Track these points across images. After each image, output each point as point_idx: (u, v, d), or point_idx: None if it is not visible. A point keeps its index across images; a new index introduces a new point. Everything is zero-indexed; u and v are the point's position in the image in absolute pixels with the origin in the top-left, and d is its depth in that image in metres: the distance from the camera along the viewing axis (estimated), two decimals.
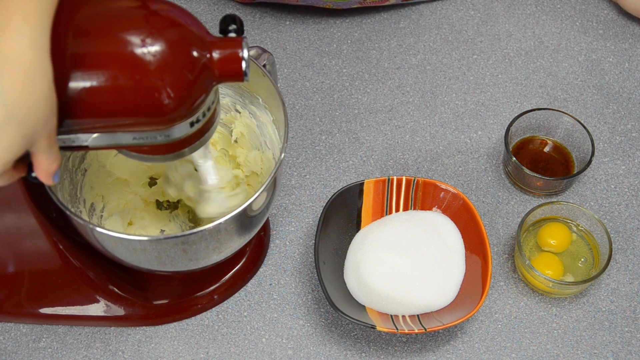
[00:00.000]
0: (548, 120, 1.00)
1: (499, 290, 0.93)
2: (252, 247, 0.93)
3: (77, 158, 0.87)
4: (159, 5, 0.64)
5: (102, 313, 0.89)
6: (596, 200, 0.99)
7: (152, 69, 0.62)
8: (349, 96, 1.07)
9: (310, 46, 1.11)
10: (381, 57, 1.11)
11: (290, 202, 0.99)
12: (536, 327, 0.91)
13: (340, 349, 0.89)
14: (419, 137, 1.04)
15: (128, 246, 0.75)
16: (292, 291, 0.93)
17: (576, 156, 1.00)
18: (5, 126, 0.57)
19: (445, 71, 1.09)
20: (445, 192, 0.93)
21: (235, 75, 0.66)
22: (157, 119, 0.64)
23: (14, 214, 0.79)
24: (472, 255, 0.90)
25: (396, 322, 0.86)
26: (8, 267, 0.86)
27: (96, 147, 0.67)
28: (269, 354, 0.89)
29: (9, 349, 0.89)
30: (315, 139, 1.03)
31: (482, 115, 1.06)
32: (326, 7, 1.10)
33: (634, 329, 0.91)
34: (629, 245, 0.96)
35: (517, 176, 0.98)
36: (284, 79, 1.08)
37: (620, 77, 1.09)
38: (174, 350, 0.89)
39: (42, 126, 0.59)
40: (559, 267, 0.91)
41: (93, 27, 0.62)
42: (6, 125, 0.57)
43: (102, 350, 0.89)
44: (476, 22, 1.14)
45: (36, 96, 0.58)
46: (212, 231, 0.75)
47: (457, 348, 0.89)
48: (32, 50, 0.57)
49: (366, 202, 0.94)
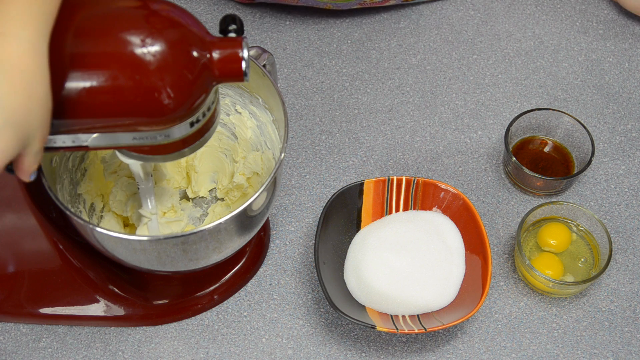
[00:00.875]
0: (548, 120, 1.00)
1: (499, 290, 0.93)
2: (252, 247, 0.93)
3: (77, 158, 0.87)
4: (159, 5, 0.64)
5: (102, 313, 0.89)
6: (596, 200, 0.99)
7: (152, 69, 0.62)
8: (349, 96, 1.07)
9: (310, 46, 1.11)
10: (381, 57, 1.11)
11: (290, 202, 0.99)
12: (536, 327, 0.91)
13: (340, 349, 0.89)
14: (419, 137, 1.04)
15: (128, 246, 0.75)
16: (292, 291, 0.93)
17: (576, 156, 1.00)
18: (3, 130, 0.57)
19: (445, 71, 1.09)
20: (445, 192, 0.93)
21: (235, 75, 0.66)
22: (157, 119, 0.64)
23: (14, 214, 0.79)
24: (472, 255, 0.90)
25: (396, 322, 0.86)
26: (8, 267, 0.86)
27: (96, 147, 0.67)
28: (269, 354, 0.89)
29: (9, 349, 0.89)
30: (315, 139, 1.03)
31: (482, 115, 1.06)
32: (326, 7, 1.11)
33: (634, 329, 0.91)
34: (629, 245, 0.96)
35: (517, 176, 0.98)
36: (284, 79, 1.08)
37: (620, 77, 1.09)
38: (174, 350, 0.89)
39: (38, 130, 0.59)
40: (559, 267, 0.91)
41: (93, 27, 0.62)
42: (3, 129, 0.57)
43: (102, 350, 0.89)
44: (476, 22, 1.14)
45: (34, 101, 0.58)
46: (212, 231, 0.75)
47: (457, 348, 0.89)
48: (31, 55, 0.57)
49: (366, 202, 0.94)
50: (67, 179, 0.85)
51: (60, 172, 0.83)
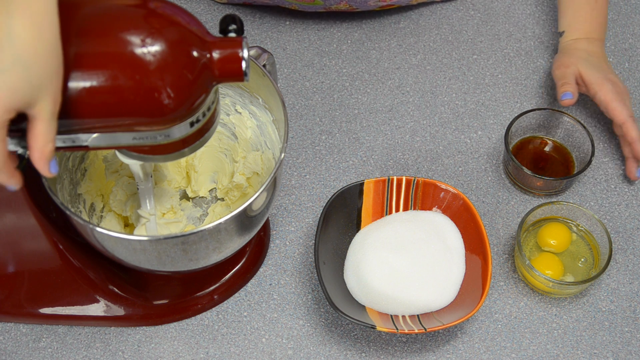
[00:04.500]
0: (548, 120, 1.00)
1: (499, 290, 0.93)
2: (252, 247, 0.93)
3: (77, 158, 0.87)
4: (159, 5, 0.64)
5: (102, 313, 0.89)
6: (596, 200, 0.99)
7: (152, 69, 0.62)
8: (349, 96, 1.07)
9: (310, 46, 1.11)
10: (381, 57, 1.11)
11: (290, 202, 0.99)
12: (536, 327, 0.91)
13: (340, 349, 0.89)
14: (419, 137, 1.04)
15: (128, 246, 0.75)
16: (292, 291, 0.93)
17: (576, 156, 1.00)
18: (13, 67, 0.57)
19: (445, 71, 1.09)
20: (445, 192, 0.93)
21: (235, 75, 0.66)
22: (157, 119, 0.64)
23: (14, 214, 0.79)
24: (472, 255, 0.90)
25: (396, 322, 0.86)
26: (8, 267, 0.86)
27: (96, 147, 0.67)
28: (269, 354, 0.89)
29: (9, 349, 0.89)
30: (315, 139, 1.03)
31: (482, 115, 1.06)
32: (292, 8, 1.10)
33: (634, 329, 0.91)
34: (629, 245, 0.96)
35: (517, 176, 0.98)
36: (284, 79, 1.08)
37: (620, 77, 1.09)
38: (174, 350, 0.89)
39: (48, 80, 0.58)
40: (559, 267, 0.91)
41: (93, 27, 0.62)
42: (13, 66, 0.57)
43: (102, 350, 0.89)
44: (476, 22, 1.14)
45: (43, 43, 0.58)
46: (212, 231, 0.75)
47: (457, 348, 0.89)
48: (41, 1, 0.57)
49: (366, 202, 0.94)
50: (67, 179, 0.85)
51: (60, 172, 0.83)
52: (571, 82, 0.97)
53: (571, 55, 0.99)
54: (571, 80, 0.97)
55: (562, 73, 0.99)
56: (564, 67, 0.99)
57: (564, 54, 1.01)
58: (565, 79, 0.98)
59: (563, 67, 0.99)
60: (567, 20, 1.03)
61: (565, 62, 0.99)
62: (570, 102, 0.96)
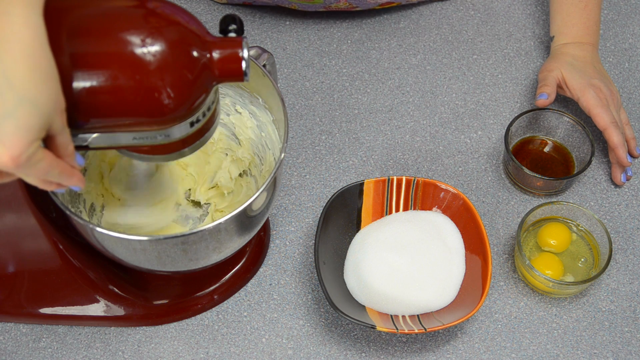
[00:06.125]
0: (548, 120, 1.01)
1: (499, 290, 0.93)
2: (252, 247, 0.93)
3: None
4: (159, 5, 0.64)
5: (102, 313, 0.89)
6: (596, 200, 0.99)
7: (152, 69, 0.62)
8: (349, 96, 1.07)
9: (310, 46, 1.11)
10: (381, 57, 1.11)
11: (290, 202, 0.99)
12: (536, 327, 0.91)
13: (340, 349, 0.89)
14: (419, 137, 1.04)
15: (128, 246, 0.75)
16: (292, 291, 0.93)
17: (576, 156, 1.00)
18: (19, 107, 0.56)
19: (445, 71, 1.09)
20: (445, 192, 0.93)
21: (235, 75, 0.66)
22: (157, 118, 0.64)
23: (14, 214, 0.79)
24: (472, 255, 0.90)
25: (396, 322, 0.86)
26: (8, 267, 0.86)
27: (96, 147, 0.67)
28: (269, 354, 0.89)
29: (9, 349, 0.89)
30: (315, 139, 1.03)
31: (482, 115, 1.06)
32: (292, 7, 1.10)
33: (634, 329, 0.91)
34: (629, 245, 0.96)
35: (517, 176, 0.98)
36: (284, 79, 1.08)
37: (620, 77, 1.09)
38: (174, 350, 0.89)
39: (54, 102, 0.58)
40: (559, 267, 0.91)
41: (93, 27, 0.62)
42: (20, 106, 0.56)
43: (102, 350, 0.89)
44: (476, 22, 1.14)
45: (41, 72, 0.57)
46: (212, 231, 0.75)
47: (457, 348, 0.89)
48: (26, 28, 0.56)
49: (366, 202, 0.94)
50: None
51: None
52: (549, 85, 0.99)
53: (557, 60, 1.01)
54: (550, 83, 0.99)
55: (544, 76, 1.01)
56: (547, 70, 1.01)
57: (551, 58, 1.03)
58: (544, 82, 1.00)
59: (546, 71, 1.01)
60: (556, 25, 1.04)
61: (549, 66, 1.01)
62: (544, 103, 0.98)
